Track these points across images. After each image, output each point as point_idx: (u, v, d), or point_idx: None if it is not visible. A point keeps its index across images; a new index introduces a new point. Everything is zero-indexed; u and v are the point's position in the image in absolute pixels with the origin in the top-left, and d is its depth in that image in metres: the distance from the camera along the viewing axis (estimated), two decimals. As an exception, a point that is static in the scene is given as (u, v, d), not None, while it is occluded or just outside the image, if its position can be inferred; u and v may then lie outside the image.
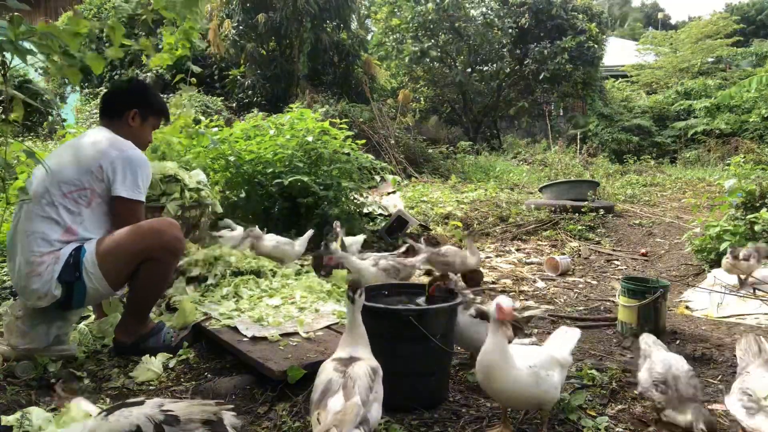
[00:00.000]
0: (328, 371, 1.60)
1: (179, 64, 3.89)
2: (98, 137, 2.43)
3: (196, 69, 3.63)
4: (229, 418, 1.51)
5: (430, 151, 11.02)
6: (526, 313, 2.56)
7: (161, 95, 2.81)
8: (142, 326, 2.48)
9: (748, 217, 4.18)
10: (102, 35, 2.59)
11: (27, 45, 2.01)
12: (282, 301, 2.92)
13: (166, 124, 3.59)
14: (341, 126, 5.19)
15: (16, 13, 1.94)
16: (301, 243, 3.73)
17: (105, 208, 2.38)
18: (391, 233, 4.90)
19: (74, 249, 2.27)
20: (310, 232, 3.87)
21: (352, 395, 1.50)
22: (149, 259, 2.32)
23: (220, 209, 3.74)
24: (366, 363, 1.64)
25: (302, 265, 3.78)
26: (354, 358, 1.65)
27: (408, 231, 4.91)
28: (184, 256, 3.10)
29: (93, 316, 2.83)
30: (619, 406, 2.06)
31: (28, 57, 1.99)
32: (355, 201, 4.96)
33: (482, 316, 2.31)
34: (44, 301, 2.26)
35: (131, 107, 2.53)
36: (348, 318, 1.73)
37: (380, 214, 5.42)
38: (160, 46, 3.50)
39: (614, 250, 5.19)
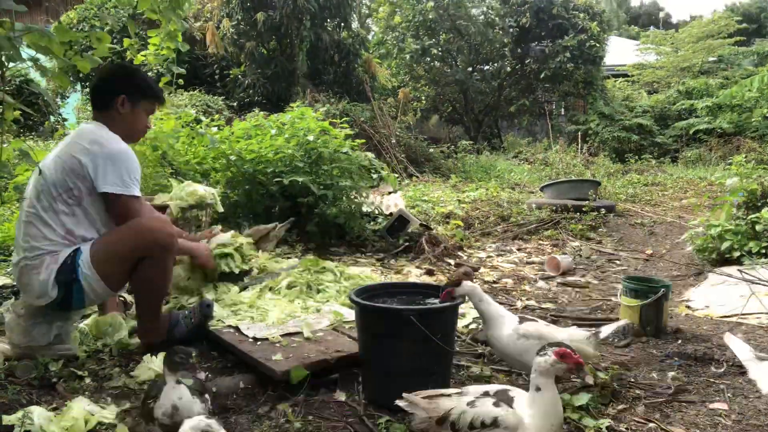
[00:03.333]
0: None
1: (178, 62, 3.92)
2: (81, 133, 2.36)
3: (179, 70, 3.64)
4: None
5: (431, 150, 11.00)
6: None
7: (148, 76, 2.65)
8: (159, 323, 2.48)
9: (750, 216, 4.17)
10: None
11: (25, 47, 2.02)
12: (284, 302, 2.92)
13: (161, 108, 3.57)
14: (342, 125, 5.19)
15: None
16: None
17: (99, 206, 2.33)
18: (392, 233, 4.90)
19: (73, 251, 2.26)
20: None
21: None
22: (144, 258, 2.31)
23: (221, 209, 3.74)
24: None
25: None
26: None
27: (409, 230, 4.90)
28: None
29: (93, 316, 2.82)
30: (621, 406, 2.05)
31: (27, 57, 2.00)
32: (355, 200, 4.96)
33: None
34: (42, 300, 2.26)
35: (118, 93, 2.38)
36: None
37: (381, 214, 5.42)
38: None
39: (616, 250, 5.19)
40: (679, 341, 2.80)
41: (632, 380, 2.27)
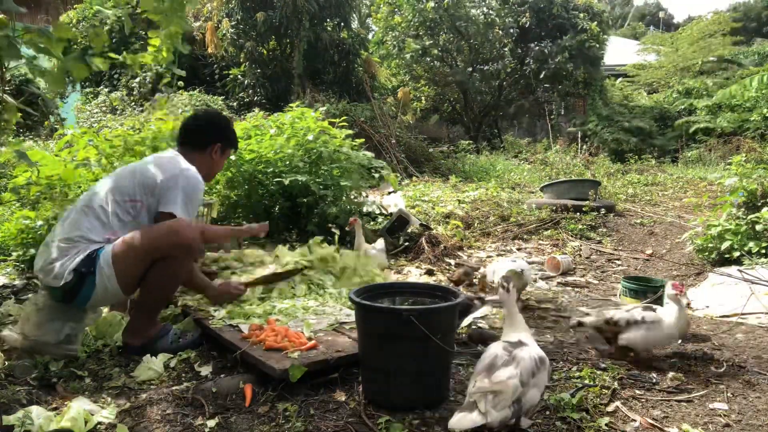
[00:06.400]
0: (496, 347, 1.75)
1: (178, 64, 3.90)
2: (164, 155, 2.61)
3: (181, 72, 3.66)
4: None
5: (431, 150, 11.00)
6: None
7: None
8: (150, 328, 2.48)
9: (750, 216, 4.17)
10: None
11: (25, 48, 2.02)
12: (286, 303, 2.92)
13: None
14: (341, 125, 5.19)
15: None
16: None
17: (151, 221, 2.45)
18: (392, 233, 4.90)
19: (99, 246, 2.33)
20: None
21: (513, 375, 1.63)
22: (162, 259, 2.34)
23: (214, 214, 3.74)
24: (534, 350, 1.75)
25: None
26: (522, 342, 1.77)
27: (409, 230, 4.90)
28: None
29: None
30: (621, 406, 2.05)
31: (26, 57, 2.00)
32: (355, 200, 4.96)
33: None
34: (57, 281, 2.29)
35: (216, 141, 2.68)
36: (505, 309, 1.90)
37: (381, 214, 5.42)
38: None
39: (615, 250, 5.19)
40: (679, 341, 2.80)
41: (632, 380, 2.27)
